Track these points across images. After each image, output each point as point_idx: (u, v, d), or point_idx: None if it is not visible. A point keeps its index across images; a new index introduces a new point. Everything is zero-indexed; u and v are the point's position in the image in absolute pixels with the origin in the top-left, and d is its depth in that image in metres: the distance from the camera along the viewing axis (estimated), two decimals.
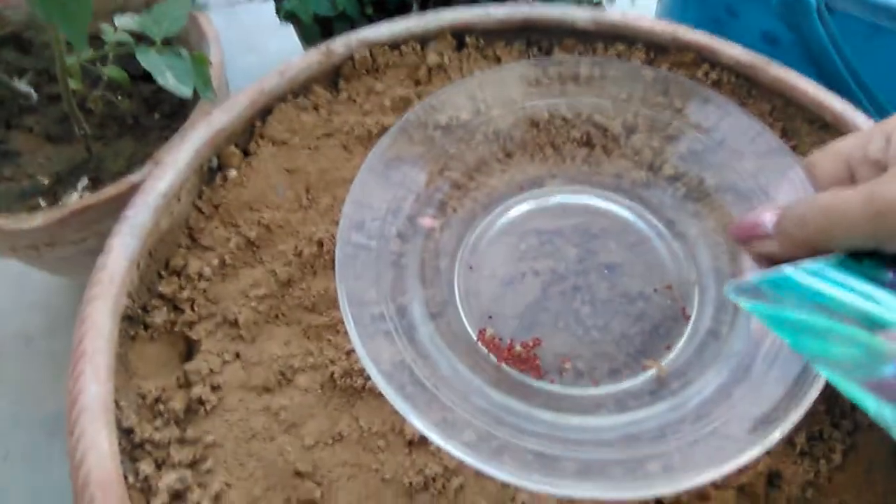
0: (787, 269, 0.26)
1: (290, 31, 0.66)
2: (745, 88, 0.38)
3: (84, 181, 0.58)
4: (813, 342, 0.24)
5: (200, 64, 0.52)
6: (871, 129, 0.27)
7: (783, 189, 0.32)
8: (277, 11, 0.61)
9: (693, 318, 0.33)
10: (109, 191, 0.51)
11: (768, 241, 0.28)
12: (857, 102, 0.42)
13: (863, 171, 0.27)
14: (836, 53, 0.40)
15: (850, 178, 0.28)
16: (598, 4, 0.62)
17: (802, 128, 0.37)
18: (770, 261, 0.29)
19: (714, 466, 0.25)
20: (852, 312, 0.24)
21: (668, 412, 0.29)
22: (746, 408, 0.27)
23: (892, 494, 0.28)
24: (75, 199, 0.55)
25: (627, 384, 0.31)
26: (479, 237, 0.36)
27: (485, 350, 0.32)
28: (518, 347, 0.33)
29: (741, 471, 0.29)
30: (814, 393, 0.25)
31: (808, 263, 0.26)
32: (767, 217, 0.28)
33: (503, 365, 0.32)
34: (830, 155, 0.28)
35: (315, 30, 0.60)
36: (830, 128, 0.36)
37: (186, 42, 0.64)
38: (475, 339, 0.33)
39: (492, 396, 0.30)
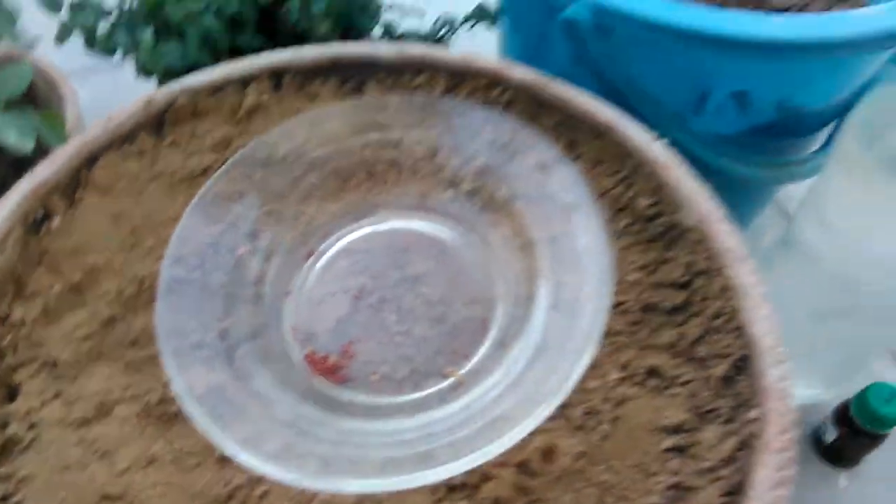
0: None
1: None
2: (534, 105, 0.42)
3: None
4: None
5: (53, 121, 0.54)
6: None
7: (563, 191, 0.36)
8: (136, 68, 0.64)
9: (493, 329, 0.35)
10: None
11: None
12: (637, 109, 0.46)
13: None
14: (614, 69, 0.44)
15: None
16: (443, 39, 0.66)
17: (584, 137, 0.41)
18: None
19: (486, 447, 0.28)
20: None
21: (461, 410, 0.32)
22: (522, 399, 0.30)
23: (651, 455, 0.31)
24: None
25: (428, 392, 0.34)
26: (297, 263, 0.39)
27: (302, 366, 0.35)
28: (332, 359, 0.35)
29: (520, 449, 0.32)
30: (572, 382, 0.28)
31: None
32: None
33: (316, 379, 0.34)
34: None
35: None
36: (605, 135, 0.40)
37: (48, 104, 0.65)
38: (294, 356, 0.35)
39: (299, 409, 0.32)
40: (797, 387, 0.60)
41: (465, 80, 0.44)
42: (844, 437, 0.58)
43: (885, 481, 0.60)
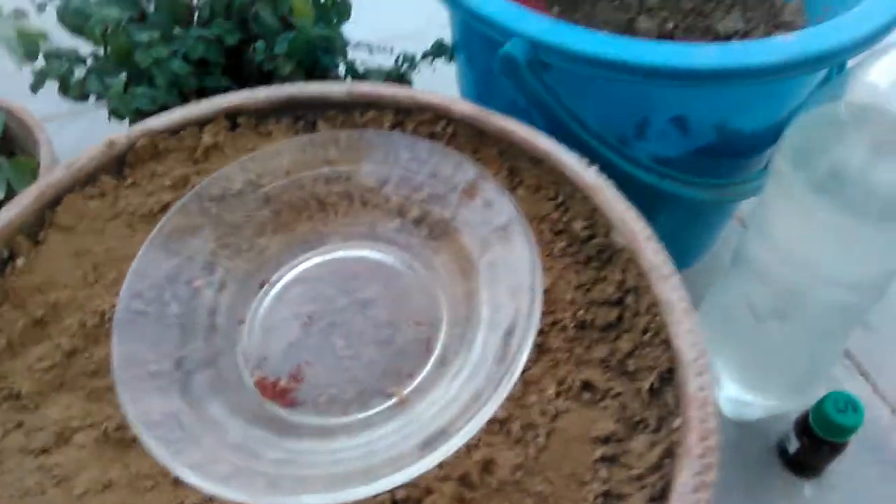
0: None
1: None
2: (477, 137, 0.45)
3: None
4: None
5: (22, 168, 0.56)
6: None
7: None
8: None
9: (436, 349, 0.37)
10: None
11: None
12: (580, 138, 0.49)
13: None
14: (554, 100, 0.47)
15: None
16: (404, 75, 0.69)
17: (524, 164, 0.43)
18: None
19: (424, 460, 0.29)
20: None
21: (403, 426, 0.33)
22: (458, 413, 0.32)
23: (584, 465, 0.33)
24: None
25: (373, 411, 0.35)
26: (250, 293, 0.40)
27: (253, 391, 0.37)
28: (282, 383, 0.37)
29: (460, 463, 0.33)
30: (503, 396, 0.30)
31: None
32: None
33: (267, 402, 0.36)
34: None
35: None
36: (543, 162, 0.42)
37: (24, 148, 0.68)
38: (246, 382, 0.37)
39: (250, 432, 0.34)
40: (760, 398, 0.62)
41: (411, 115, 0.46)
42: (806, 447, 0.60)
43: (850, 490, 0.62)
